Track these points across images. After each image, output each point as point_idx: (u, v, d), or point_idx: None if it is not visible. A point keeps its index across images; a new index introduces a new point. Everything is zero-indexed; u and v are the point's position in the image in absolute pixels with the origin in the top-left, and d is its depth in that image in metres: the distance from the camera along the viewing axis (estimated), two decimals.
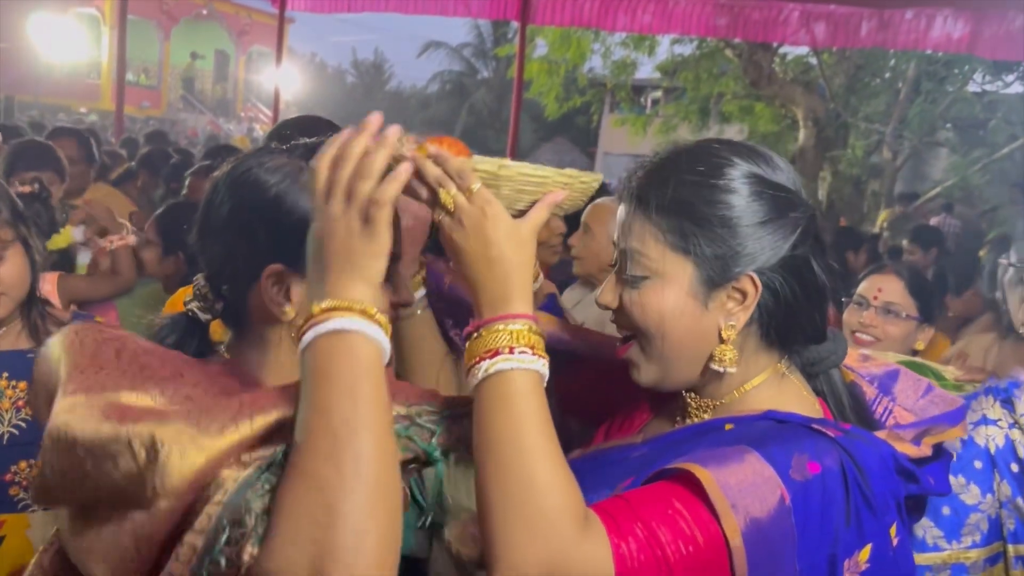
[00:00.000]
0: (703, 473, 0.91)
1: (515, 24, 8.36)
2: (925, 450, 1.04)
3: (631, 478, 1.02)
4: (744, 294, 1.02)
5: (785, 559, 0.90)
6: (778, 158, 1.08)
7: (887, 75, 12.98)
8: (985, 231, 10.32)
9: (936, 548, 1.34)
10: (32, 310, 1.87)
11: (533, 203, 0.99)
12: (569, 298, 3.01)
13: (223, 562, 0.83)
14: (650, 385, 1.09)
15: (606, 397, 1.25)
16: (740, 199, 1.01)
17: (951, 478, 1.32)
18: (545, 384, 0.96)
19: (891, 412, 1.14)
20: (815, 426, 0.99)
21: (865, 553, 0.95)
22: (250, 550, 0.82)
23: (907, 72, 12.21)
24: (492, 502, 0.91)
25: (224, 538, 0.83)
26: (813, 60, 11.94)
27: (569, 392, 1.26)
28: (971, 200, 12.57)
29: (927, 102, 11.77)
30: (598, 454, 1.16)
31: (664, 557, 0.88)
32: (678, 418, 1.12)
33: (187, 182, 3.96)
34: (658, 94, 23.08)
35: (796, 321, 1.05)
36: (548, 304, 1.36)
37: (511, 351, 0.93)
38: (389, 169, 0.91)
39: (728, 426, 1.04)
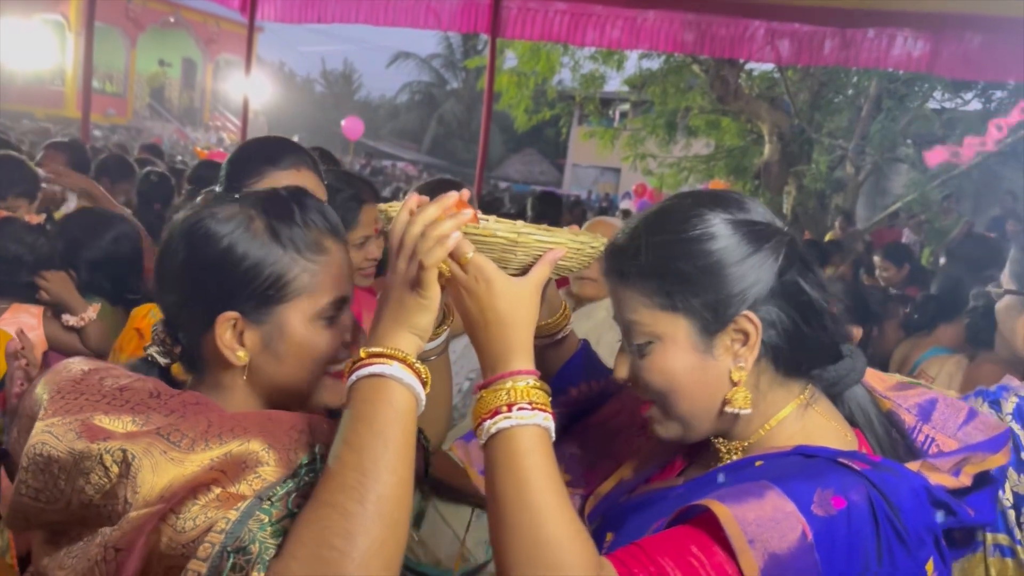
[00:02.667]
0: (721, 509, 0.90)
1: (484, 36, 8.40)
2: (964, 480, 1.01)
3: (664, 518, 1.02)
4: (746, 334, 1.03)
5: None
6: (746, 197, 1.10)
7: (850, 92, 13.23)
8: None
9: None
10: None
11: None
12: None
13: None
14: (673, 440, 1.10)
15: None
16: (714, 244, 1.02)
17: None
18: (553, 436, 0.99)
19: (933, 440, 1.10)
20: (842, 460, 0.98)
21: None
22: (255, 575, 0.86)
23: (869, 89, 12.47)
24: (505, 560, 0.94)
25: (230, 564, 0.86)
26: (778, 76, 12.15)
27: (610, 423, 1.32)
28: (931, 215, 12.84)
29: (888, 119, 12.02)
30: (642, 497, 1.17)
31: None
32: (712, 461, 1.12)
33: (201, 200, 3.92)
34: (626, 107, 23.27)
35: (804, 346, 1.05)
36: (580, 351, 1.37)
37: (510, 409, 0.96)
38: None
39: (758, 463, 1.04)
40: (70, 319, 2.54)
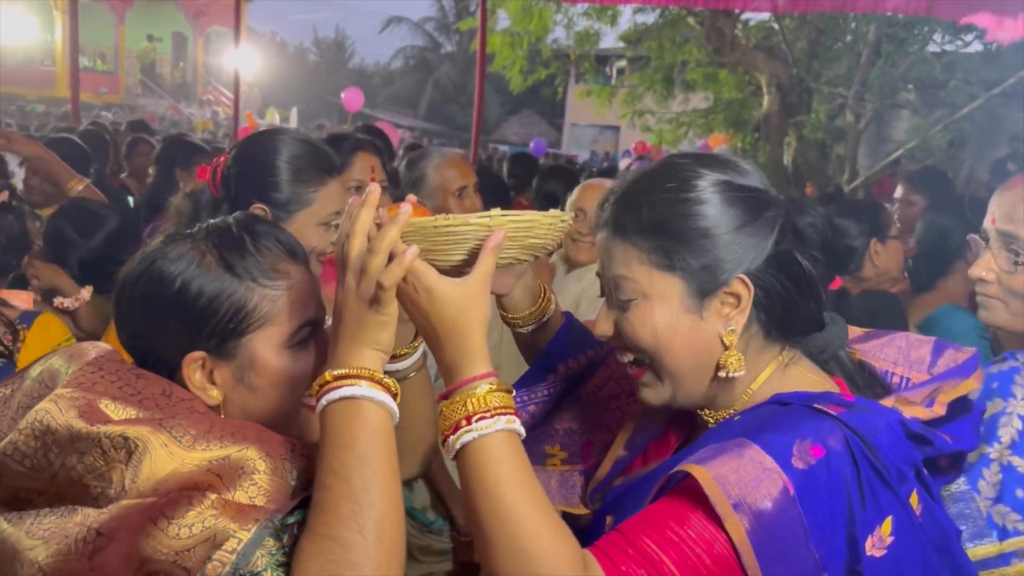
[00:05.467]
0: (701, 473, 0.90)
1: None
2: (939, 410, 1.02)
3: (655, 488, 1.02)
4: (738, 297, 1.03)
5: (799, 549, 0.90)
6: (743, 162, 1.09)
7: (848, 38, 13.03)
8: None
9: (1017, 532, 1.28)
10: None
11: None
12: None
13: None
14: (659, 404, 1.09)
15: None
16: (715, 208, 1.02)
17: (1018, 458, 1.29)
18: (522, 433, 0.96)
19: (908, 380, 1.12)
20: (817, 405, 0.98)
21: (887, 527, 0.93)
22: None
23: (868, 35, 12.26)
24: (491, 571, 0.93)
25: None
26: (775, 25, 11.95)
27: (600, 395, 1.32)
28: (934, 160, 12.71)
29: (888, 64, 11.83)
30: (639, 479, 1.17)
31: None
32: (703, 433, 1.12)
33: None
34: (623, 64, 23.00)
35: (794, 314, 1.06)
36: (564, 326, 1.35)
37: (469, 421, 0.94)
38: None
39: (736, 417, 1.05)
40: (64, 301, 2.53)
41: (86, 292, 2.57)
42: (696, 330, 1.04)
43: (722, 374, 1.04)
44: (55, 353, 1.08)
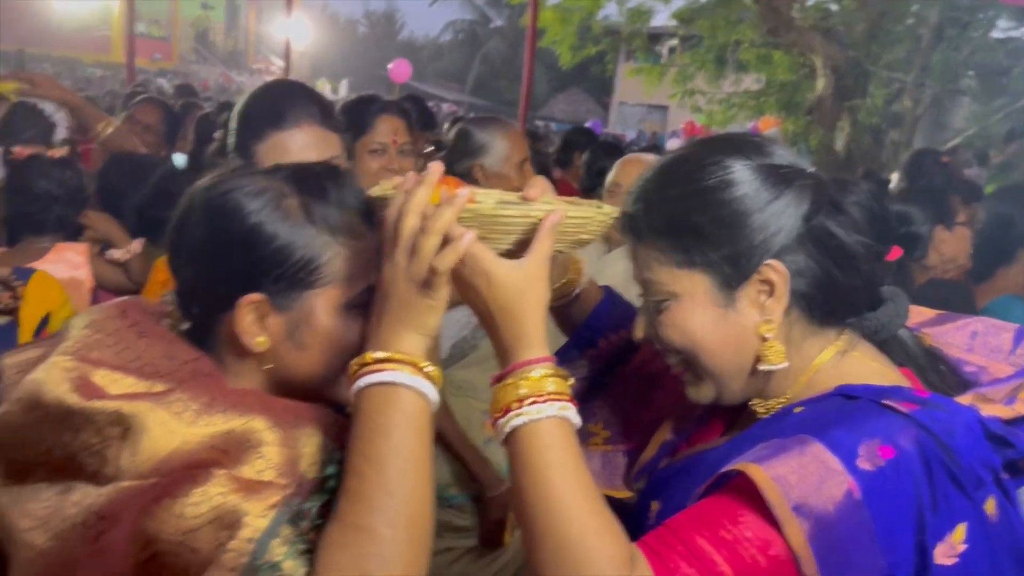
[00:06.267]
0: (758, 473, 0.86)
1: None
2: (1021, 408, 0.95)
3: (707, 483, 0.97)
4: (771, 284, 0.97)
5: (865, 556, 0.84)
6: (769, 141, 1.03)
7: (909, 22, 12.67)
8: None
9: None
10: None
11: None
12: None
13: None
14: (709, 402, 1.06)
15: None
16: (732, 192, 0.96)
17: None
18: (577, 422, 0.93)
19: (984, 369, 1.04)
20: (887, 401, 0.92)
21: (959, 534, 0.87)
22: None
23: (930, 18, 11.91)
24: (534, 559, 0.91)
25: None
26: (833, 7, 11.68)
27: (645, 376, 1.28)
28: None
29: (950, 49, 11.50)
30: (685, 461, 1.12)
31: None
32: (754, 417, 1.07)
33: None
34: (674, 43, 22.65)
35: (837, 294, 0.99)
36: (605, 299, 1.32)
37: (520, 404, 0.91)
38: None
39: (798, 409, 0.99)
40: (115, 253, 2.57)
41: (137, 244, 2.61)
42: (730, 325, 0.99)
43: (762, 367, 0.99)
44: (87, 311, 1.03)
